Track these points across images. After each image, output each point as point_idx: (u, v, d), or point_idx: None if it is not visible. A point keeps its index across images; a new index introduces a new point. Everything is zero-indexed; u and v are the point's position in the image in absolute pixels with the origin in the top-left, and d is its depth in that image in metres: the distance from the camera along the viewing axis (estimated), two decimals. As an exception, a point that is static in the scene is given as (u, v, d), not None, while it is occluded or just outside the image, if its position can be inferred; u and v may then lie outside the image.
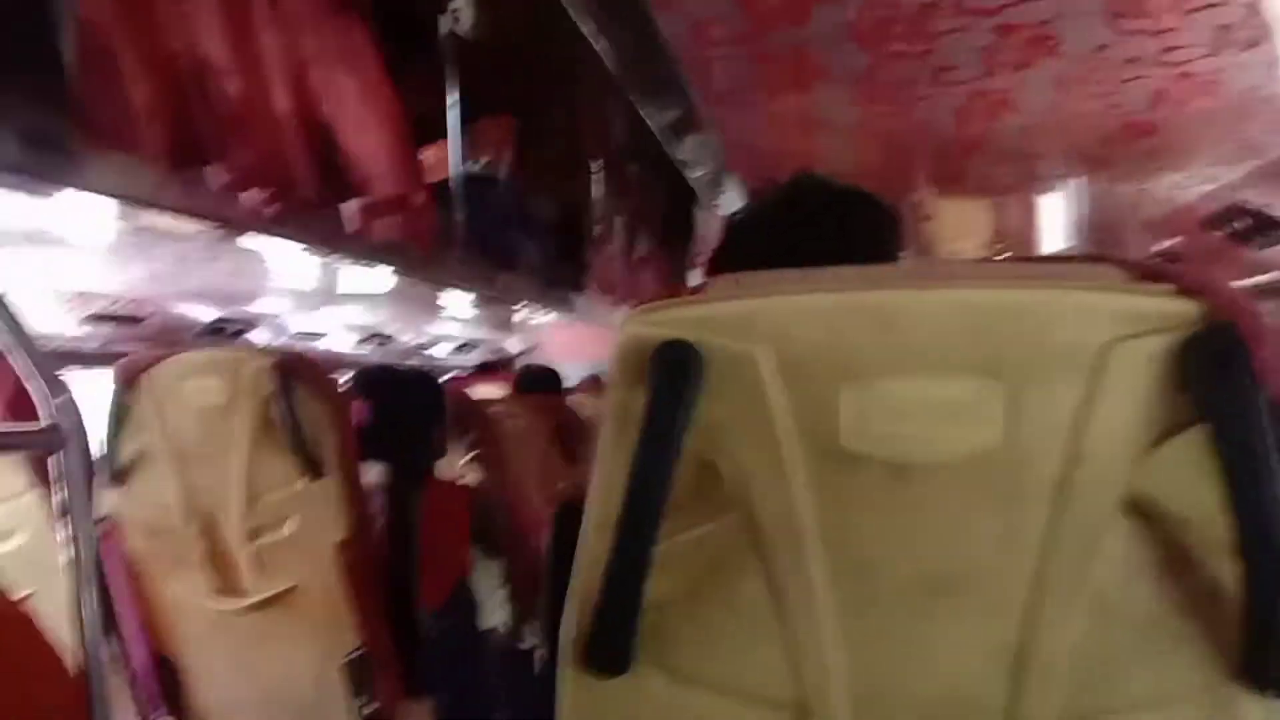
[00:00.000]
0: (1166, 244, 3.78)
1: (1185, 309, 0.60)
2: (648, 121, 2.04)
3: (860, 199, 1.02)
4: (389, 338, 3.84)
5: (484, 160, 4.27)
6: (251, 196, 1.50)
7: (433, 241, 2.45)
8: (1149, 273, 0.64)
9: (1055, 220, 3.86)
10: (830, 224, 1.00)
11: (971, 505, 0.64)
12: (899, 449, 0.63)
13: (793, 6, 1.29)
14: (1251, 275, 3.46)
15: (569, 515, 0.93)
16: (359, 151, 1.63)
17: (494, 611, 2.52)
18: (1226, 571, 0.61)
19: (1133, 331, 0.60)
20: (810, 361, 0.64)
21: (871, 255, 0.99)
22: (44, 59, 1.22)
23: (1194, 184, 2.81)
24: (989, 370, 0.62)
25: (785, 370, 0.64)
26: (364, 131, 1.63)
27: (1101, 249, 4.13)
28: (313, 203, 1.63)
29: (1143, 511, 0.63)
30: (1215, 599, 0.63)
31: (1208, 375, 0.59)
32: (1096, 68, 1.47)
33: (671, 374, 0.64)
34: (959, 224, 3.92)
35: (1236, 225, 3.11)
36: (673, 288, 0.74)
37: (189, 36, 1.39)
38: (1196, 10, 1.27)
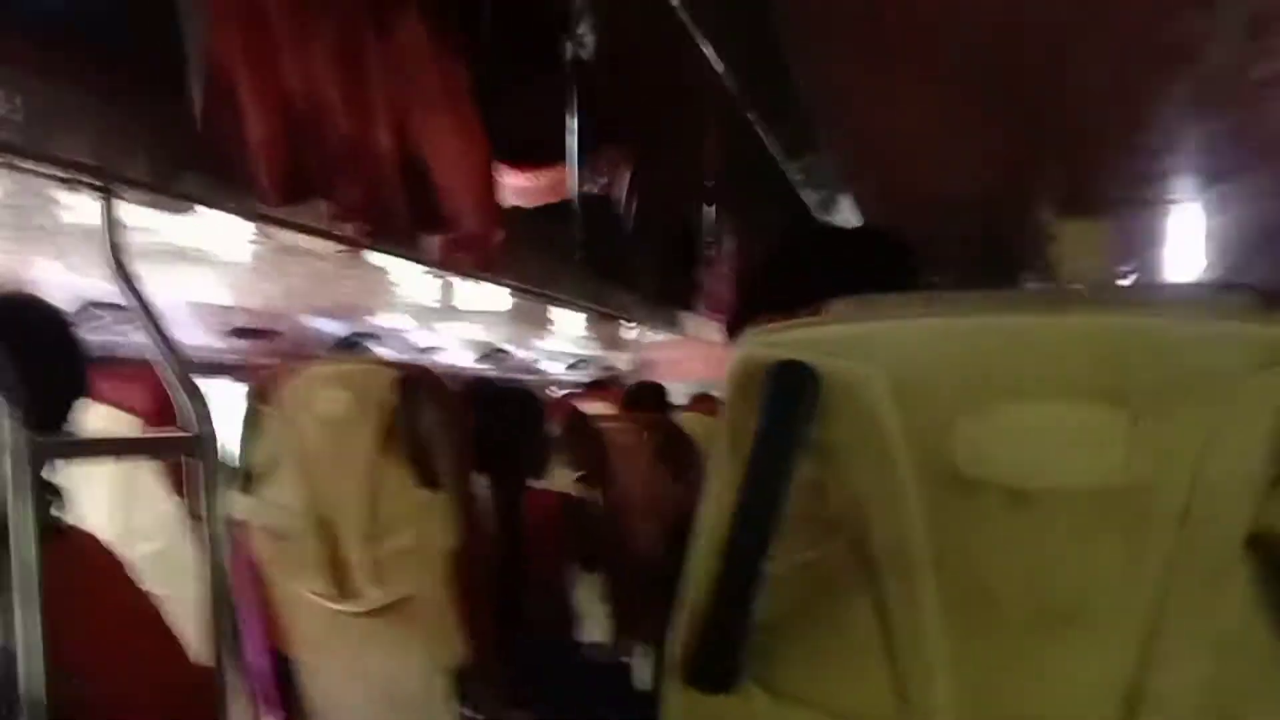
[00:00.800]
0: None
1: None
2: (764, 140, 2.05)
3: (878, 244, 1.04)
4: (505, 353, 3.93)
5: (602, 181, 4.35)
6: (353, 229, 1.58)
7: (543, 262, 2.52)
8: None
9: (1188, 242, 3.69)
10: (841, 269, 1.02)
11: (1091, 535, 0.62)
12: (1019, 475, 0.62)
13: (920, 39, 1.28)
14: None
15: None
16: (449, 189, 1.69)
17: (595, 626, 2.55)
18: None
19: (1265, 362, 0.58)
20: (927, 385, 0.63)
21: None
22: (175, 88, 1.31)
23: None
24: (1114, 398, 0.61)
25: (902, 394, 0.63)
26: (455, 171, 1.70)
27: (1235, 274, 3.92)
28: (410, 235, 1.72)
29: (1268, 548, 0.61)
30: None
31: None
32: (1236, 84, 1.40)
33: (786, 395, 0.64)
34: (1084, 244, 3.79)
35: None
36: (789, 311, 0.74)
37: (305, 76, 1.47)
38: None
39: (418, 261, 1.86)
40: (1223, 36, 1.21)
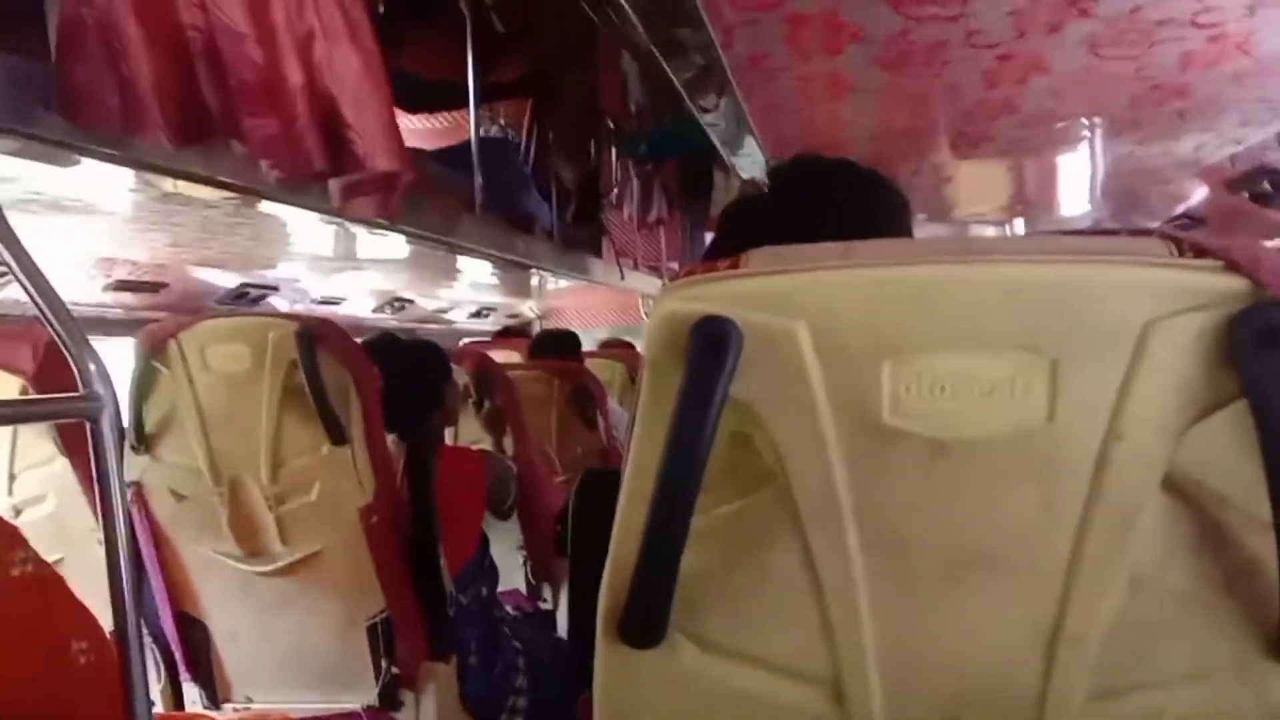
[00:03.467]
0: (1190, 205, 3.73)
1: (1231, 285, 0.59)
2: (669, 79, 2.01)
3: (865, 179, 1.01)
4: (408, 302, 3.84)
5: (501, 123, 4.25)
6: (264, 168, 1.49)
7: (442, 209, 2.44)
8: (1196, 247, 0.63)
9: (1077, 183, 3.82)
10: (834, 206, 0.99)
11: (1010, 481, 0.63)
12: (939, 424, 0.63)
13: None
14: (1276, 235, 3.42)
15: (592, 483, 0.94)
16: (358, 128, 1.61)
17: (512, 573, 2.54)
18: (1265, 548, 0.61)
19: (1177, 308, 0.60)
20: (850, 337, 0.63)
21: (874, 233, 0.98)
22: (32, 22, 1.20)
23: (1221, 146, 2.77)
24: (1031, 346, 0.61)
25: (824, 346, 0.63)
26: (365, 109, 1.62)
27: (1123, 212, 4.08)
28: (322, 176, 1.63)
29: (1181, 488, 0.63)
30: (1252, 576, 0.63)
31: (1251, 352, 0.58)
32: (1128, 30, 1.44)
33: (709, 350, 0.63)
34: (978, 186, 3.88)
35: (1263, 186, 3.07)
36: (709, 260, 0.73)
37: (202, 4, 1.37)
38: (1235, -30, 1.25)
39: (314, 209, 1.78)
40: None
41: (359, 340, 1.86)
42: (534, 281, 4.22)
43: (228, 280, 2.65)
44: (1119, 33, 1.46)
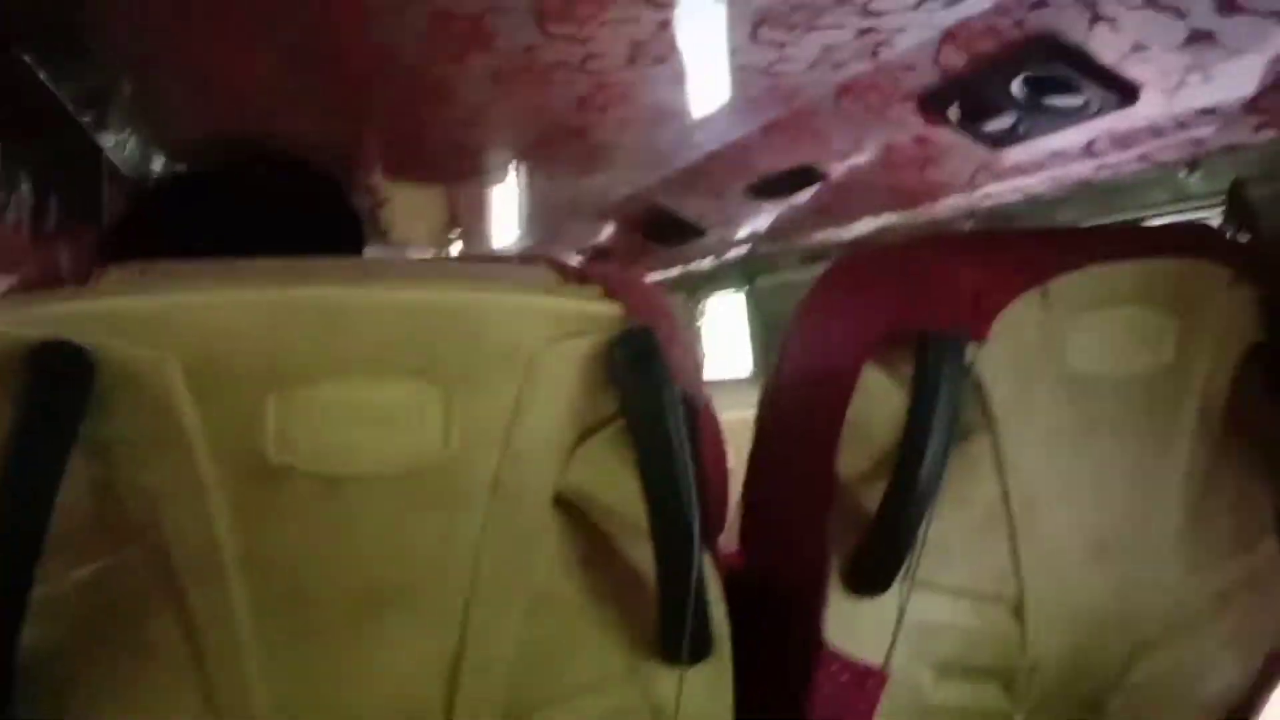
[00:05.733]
0: (598, 239, 4.19)
1: (609, 311, 0.63)
2: (52, 87, 1.72)
3: (321, 184, 0.93)
4: None
5: None
6: None
7: None
8: (579, 275, 0.66)
9: (506, 211, 4.07)
10: (280, 208, 0.90)
11: (407, 514, 0.61)
12: (329, 460, 0.59)
13: None
14: (666, 269, 3.98)
15: None
16: None
17: None
18: (646, 556, 0.66)
19: (561, 333, 0.62)
20: (228, 367, 0.56)
21: (329, 248, 0.90)
22: None
23: (620, 186, 3.13)
24: (425, 374, 0.60)
25: (199, 377, 0.55)
26: None
27: (546, 242, 4.45)
28: None
29: (573, 506, 0.66)
30: (638, 583, 0.68)
31: (626, 374, 0.63)
32: (527, 67, 1.55)
33: (51, 383, 0.52)
34: (413, 210, 3.95)
35: (654, 224, 3.55)
36: (55, 271, 0.61)
37: None
38: (613, 24, 1.40)
39: None
40: (511, 23, 1.33)
41: None
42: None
43: None
44: (519, 69, 1.56)
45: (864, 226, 2.63)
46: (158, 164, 2.63)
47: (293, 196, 0.91)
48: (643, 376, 0.63)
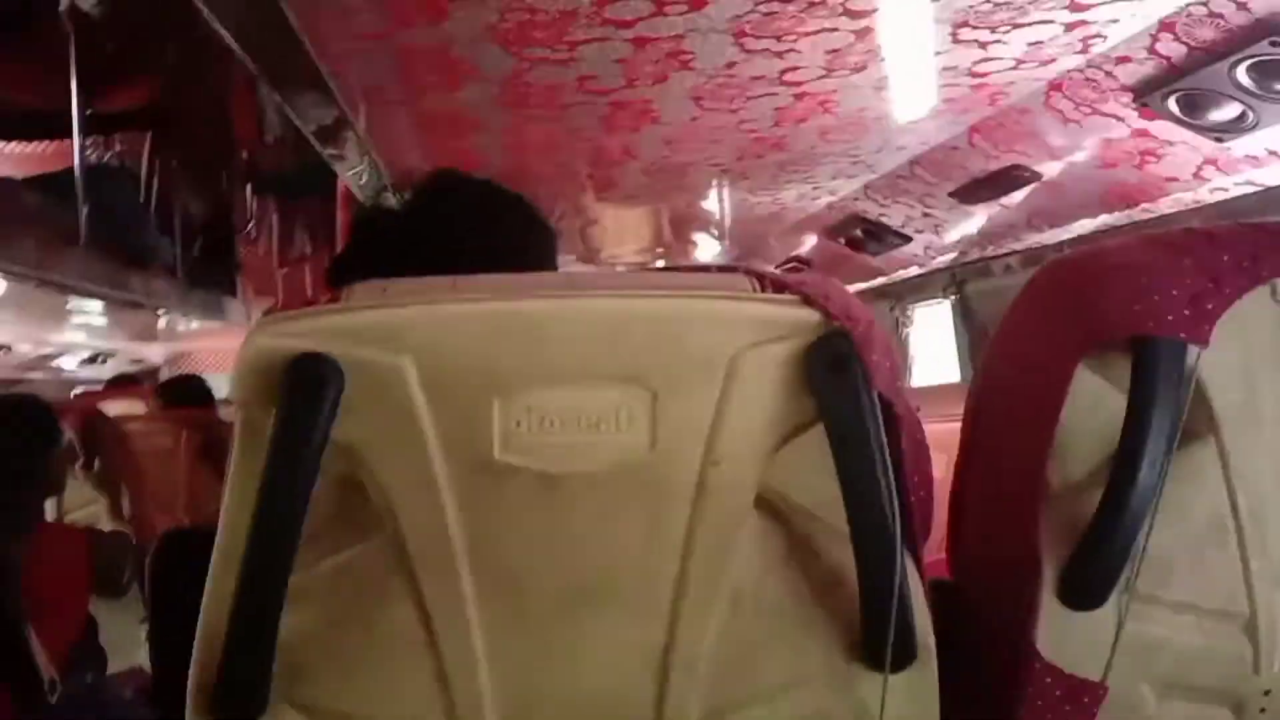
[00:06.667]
0: (799, 250, 4.17)
1: (806, 317, 0.65)
2: (295, 119, 1.91)
3: (508, 199, 0.99)
4: (5, 348, 3.35)
5: (115, 151, 3.83)
6: None
7: (38, 241, 2.15)
8: (776, 283, 0.68)
9: (709, 227, 4.14)
10: (475, 225, 0.97)
11: (616, 512, 0.65)
12: (549, 459, 0.63)
13: (428, 3, 1.25)
14: (869, 279, 3.90)
15: (172, 546, 0.83)
16: None
17: (133, 651, 2.27)
18: (846, 559, 0.67)
19: (760, 338, 0.64)
20: (458, 373, 0.62)
21: (520, 258, 0.96)
22: None
23: (820, 195, 3.12)
24: (631, 378, 0.64)
25: (432, 383, 0.61)
26: None
27: (746, 255, 4.47)
28: None
29: (773, 507, 0.68)
30: (838, 585, 0.69)
31: (824, 378, 0.64)
32: (725, 84, 1.58)
33: (305, 390, 0.59)
34: (621, 229, 4.08)
35: (856, 233, 3.49)
36: (309, 295, 0.69)
37: None
38: (812, 34, 1.41)
39: None
40: (713, 35, 1.36)
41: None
42: (161, 323, 3.84)
43: None
44: (718, 86, 1.59)
45: (1082, 228, 2.50)
46: (389, 192, 2.86)
47: (481, 217, 0.97)
48: (840, 380, 0.64)
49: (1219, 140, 1.61)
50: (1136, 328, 0.75)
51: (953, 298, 3.64)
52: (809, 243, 4.03)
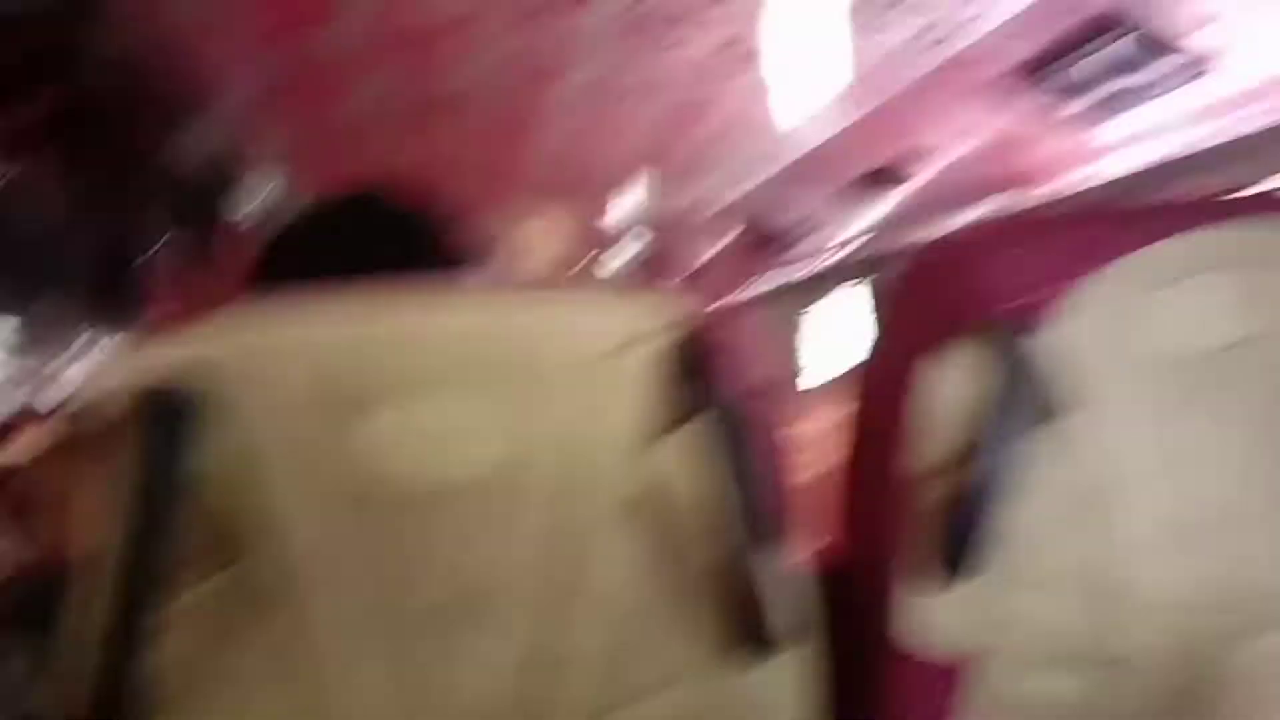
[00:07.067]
0: (706, 252, 4.20)
1: (664, 322, 0.67)
2: (190, 140, 1.87)
3: (396, 214, 0.99)
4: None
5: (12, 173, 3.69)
6: None
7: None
8: (637, 290, 0.70)
9: (608, 236, 4.15)
10: (360, 242, 0.97)
11: (477, 525, 0.66)
12: (403, 478, 0.64)
13: (317, 6, 1.22)
14: (767, 279, 3.94)
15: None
16: None
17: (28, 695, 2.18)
18: (718, 551, 0.69)
19: (616, 346, 0.66)
20: (320, 395, 0.62)
21: (404, 273, 0.96)
22: None
23: (712, 200, 3.14)
24: (492, 390, 0.65)
25: (293, 406, 0.62)
26: None
27: (646, 263, 4.50)
28: None
29: (643, 507, 0.69)
30: (711, 578, 0.70)
31: (681, 381, 0.66)
32: (615, 87, 1.59)
33: (162, 421, 0.59)
34: (536, 236, 4.07)
35: (749, 236, 3.54)
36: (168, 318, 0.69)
37: None
38: (695, 39, 1.43)
39: None
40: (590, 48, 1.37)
41: None
42: (65, 350, 3.72)
43: None
44: (608, 90, 1.59)
45: (974, 214, 2.57)
46: (290, 210, 2.80)
47: (367, 233, 0.98)
48: (697, 382, 0.66)
49: (1087, 128, 1.68)
50: (985, 312, 0.78)
51: (869, 283, 3.70)
52: (714, 244, 4.07)
